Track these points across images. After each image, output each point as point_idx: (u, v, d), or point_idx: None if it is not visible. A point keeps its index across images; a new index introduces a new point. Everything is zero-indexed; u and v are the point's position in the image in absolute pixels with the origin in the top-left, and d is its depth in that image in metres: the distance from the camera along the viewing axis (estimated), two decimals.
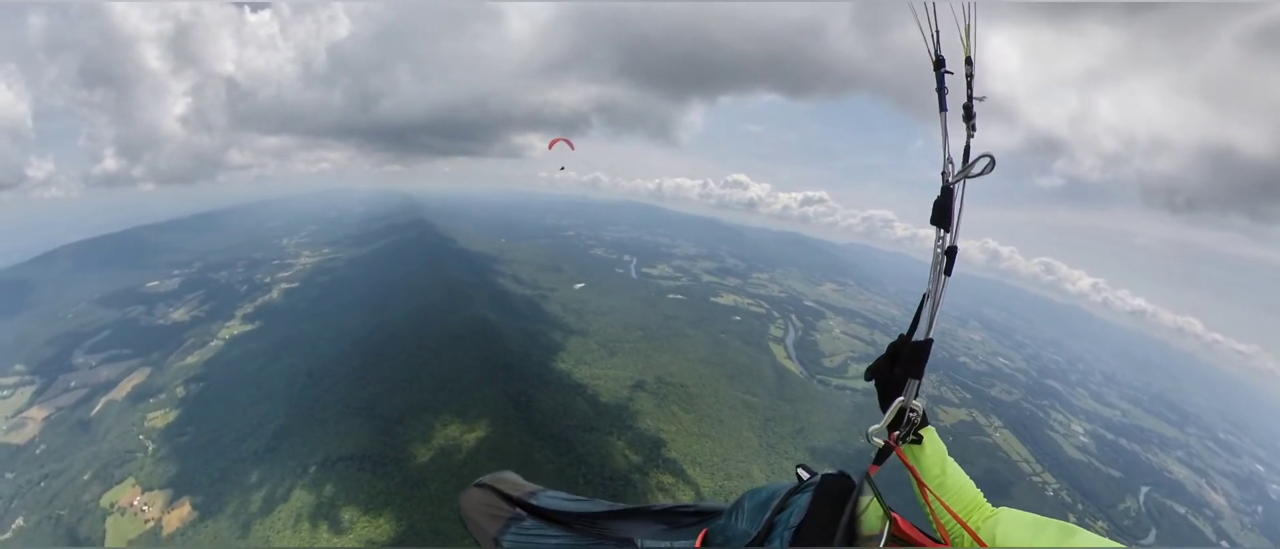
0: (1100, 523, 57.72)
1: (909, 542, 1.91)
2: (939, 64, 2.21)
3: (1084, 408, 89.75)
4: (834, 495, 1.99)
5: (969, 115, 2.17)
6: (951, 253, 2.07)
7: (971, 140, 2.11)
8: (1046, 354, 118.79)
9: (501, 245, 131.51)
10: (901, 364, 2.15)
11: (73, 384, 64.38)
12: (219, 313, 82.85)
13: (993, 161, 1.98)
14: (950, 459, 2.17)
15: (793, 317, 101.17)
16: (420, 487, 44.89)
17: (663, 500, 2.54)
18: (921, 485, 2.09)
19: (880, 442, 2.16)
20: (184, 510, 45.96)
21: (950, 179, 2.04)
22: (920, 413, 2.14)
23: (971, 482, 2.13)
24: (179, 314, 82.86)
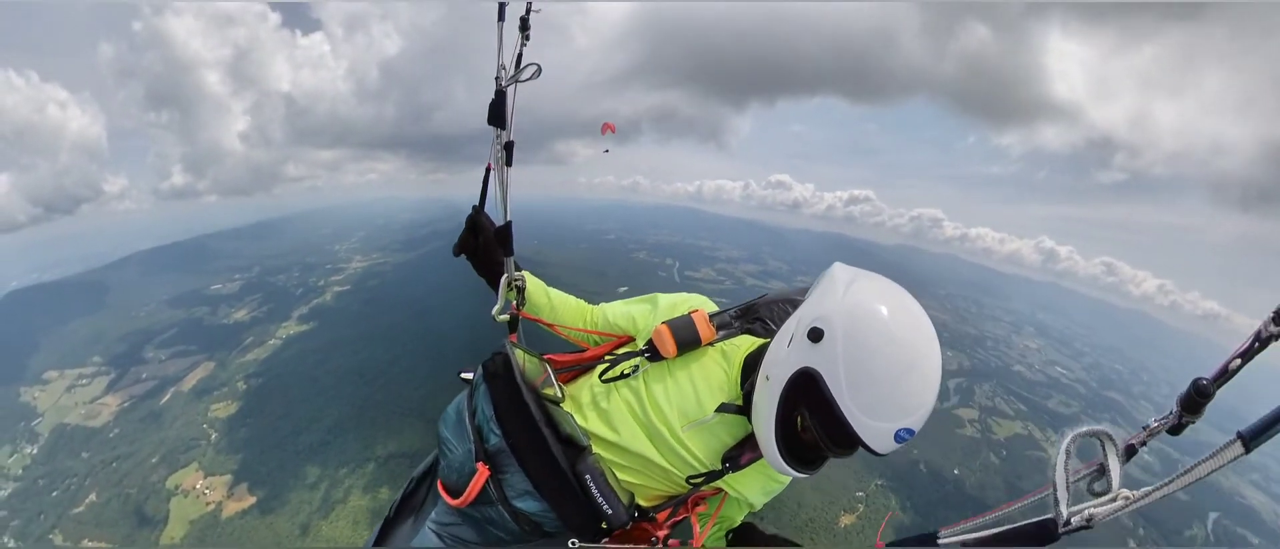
0: None
1: (564, 366, 2.42)
2: None
3: (1148, 423, 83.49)
4: (501, 372, 2.21)
5: (525, 26, 2.34)
6: (509, 147, 2.38)
7: (525, 48, 2.31)
8: (1108, 363, 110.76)
9: (545, 250, 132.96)
10: (486, 239, 2.48)
11: (144, 376, 67.76)
12: (277, 314, 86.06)
13: (540, 69, 2.25)
14: (550, 288, 2.58)
15: None
16: None
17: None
18: (549, 325, 2.55)
19: (505, 317, 2.51)
20: (243, 496, 47.73)
21: (503, 83, 2.28)
22: (521, 278, 2.51)
23: (570, 296, 2.60)
24: (240, 314, 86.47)
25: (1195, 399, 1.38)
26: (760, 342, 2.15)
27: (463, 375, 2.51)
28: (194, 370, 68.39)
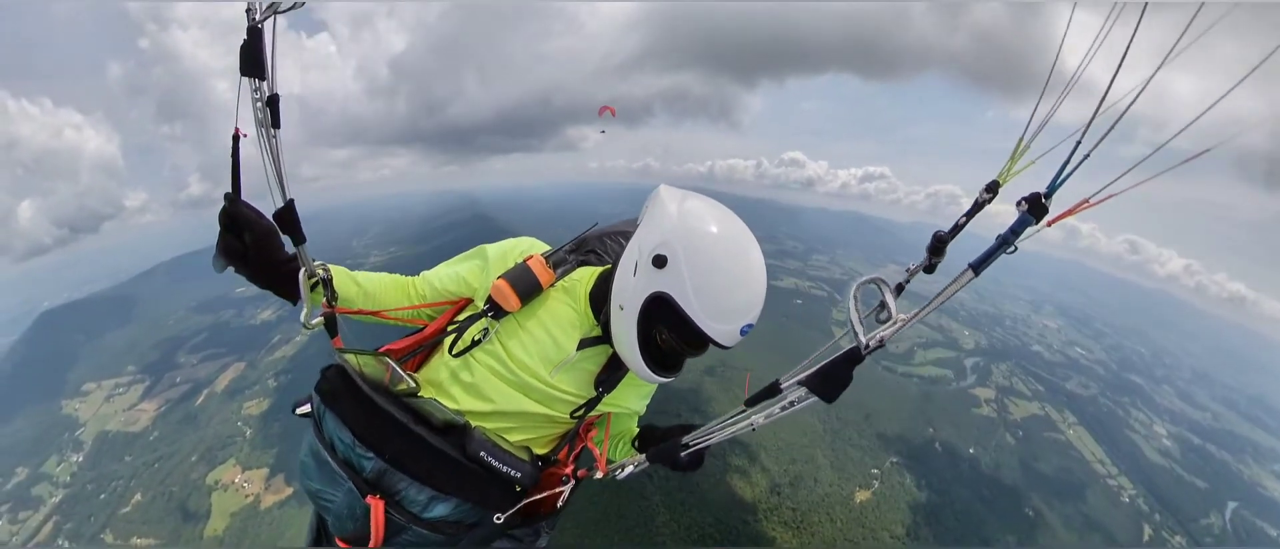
0: (1178, 539, 51.07)
1: (406, 352, 2.24)
2: None
3: (1169, 408, 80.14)
4: (342, 389, 2.01)
5: None
6: (273, 101, 1.62)
7: None
8: (1129, 345, 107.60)
9: (559, 236, 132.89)
10: (256, 235, 1.79)
11: (178, 380, 70.01)
12: (301, 312, 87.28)
13: None
14: (355, 274, 2.19)
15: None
16: None
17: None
18: (372, 314, 2.20)
19: (319, 320, 2.06)
20: (280, 488, 49.54)
21: (257, 18, 1.57)
22: (323, 268, 2.05)
23: (382, 274, 2.28)
24: (266, 315, 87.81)
25: (937, 245, 1.78)
26: (598, 270, 2.22)
27: (298, 412, 2.18)
28: (225, 372, 70.32)
